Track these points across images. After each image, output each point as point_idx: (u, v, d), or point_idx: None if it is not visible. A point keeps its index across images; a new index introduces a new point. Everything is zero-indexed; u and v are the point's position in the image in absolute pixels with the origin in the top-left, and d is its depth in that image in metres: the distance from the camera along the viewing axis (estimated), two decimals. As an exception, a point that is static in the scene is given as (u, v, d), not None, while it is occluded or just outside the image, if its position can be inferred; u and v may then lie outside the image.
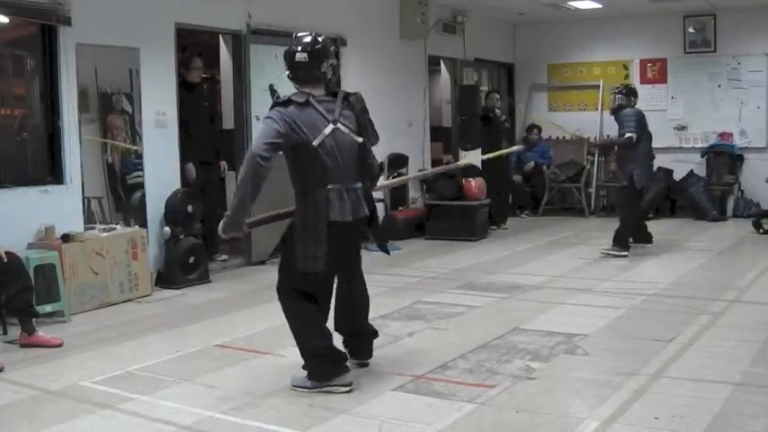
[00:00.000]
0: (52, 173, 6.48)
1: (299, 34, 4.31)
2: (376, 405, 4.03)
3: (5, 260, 5.16)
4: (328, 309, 4.45)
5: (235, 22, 7.98)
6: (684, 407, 3.91)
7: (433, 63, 11.24)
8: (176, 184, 7.35)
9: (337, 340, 4.48)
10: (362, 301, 4.64)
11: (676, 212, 11.72)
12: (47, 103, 6.45)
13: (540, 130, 12.53)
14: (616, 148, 9.24)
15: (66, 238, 6.11)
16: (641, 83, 12.09)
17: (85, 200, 6.68)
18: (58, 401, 4.22)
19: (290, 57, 4.25)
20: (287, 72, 4.30)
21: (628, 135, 8.26)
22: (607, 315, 5.87)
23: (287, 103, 4.17)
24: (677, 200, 11.73)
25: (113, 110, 7.02)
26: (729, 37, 11.59)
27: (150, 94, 7.13)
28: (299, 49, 4.22)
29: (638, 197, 8.53)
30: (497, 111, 11.13)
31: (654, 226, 9.76)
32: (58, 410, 4.07)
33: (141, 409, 4.06)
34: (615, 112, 8.54)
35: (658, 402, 4.00)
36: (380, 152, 9.83)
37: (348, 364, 4.38)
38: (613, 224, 9.62)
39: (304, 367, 4.31)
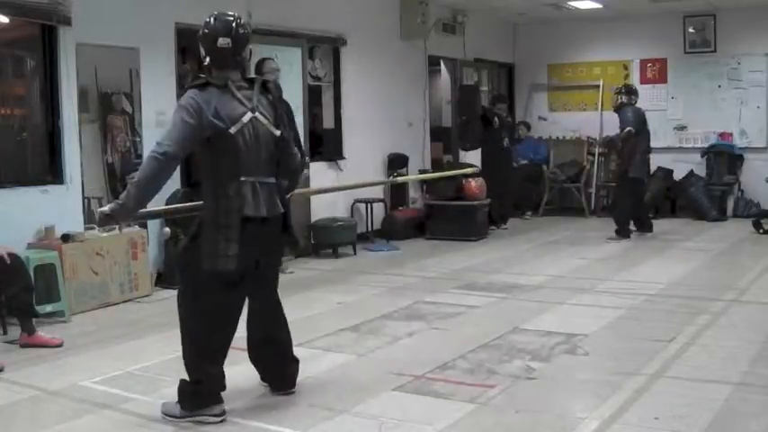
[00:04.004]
0: (52, 173, 6.48)
1: (217, 15, 3.87)
2: (376, 405, 4.03)
3: (8, 262, 5.16)
4: (235, 326, 3.97)
5: (235, 22, 7.96)
6: (684, 407, 3.91)
7: (433, 63, 11.23)
8: (176, 184, 7.34)
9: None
10: (279, 322, 4.17)
11: (676, 212, 11.70)
12: (47, 103, 6.45)
13: (528, 126, 12.55)
14: (620, 144, 9.60)
15: (66, 238, 6.11)
16: (641, 83, 12.07)
17: (85, 200, 6.68)
18: (58, 401, 4.22)
19: (210, 41, 3.83)
20: (206, 57, 3.88)
21: (627, 129, 9.28)
22: (607, 315, 5.87)
23: (205, 85, 3.78)
24: (677, 200, 11.71)
25: (113, 110, 7.02)
26: (729, 37, 11.58)
27: (150, 94, 7.13)
28: (223, 33, 3.81)
29: (633, 188, 9.44)
30: (502, 113, 11.09)
31: (654, 226, 9.76)
32: (57, 410, 4.07)
33: (141, 409, 4.06)
34: (617, 109, 9.57)
35: (658, 402, 4.00)
36: (381, 152, 10.06)
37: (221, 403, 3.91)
38: (613, 224, 9.66)
39: (180, 391, 3.90)
